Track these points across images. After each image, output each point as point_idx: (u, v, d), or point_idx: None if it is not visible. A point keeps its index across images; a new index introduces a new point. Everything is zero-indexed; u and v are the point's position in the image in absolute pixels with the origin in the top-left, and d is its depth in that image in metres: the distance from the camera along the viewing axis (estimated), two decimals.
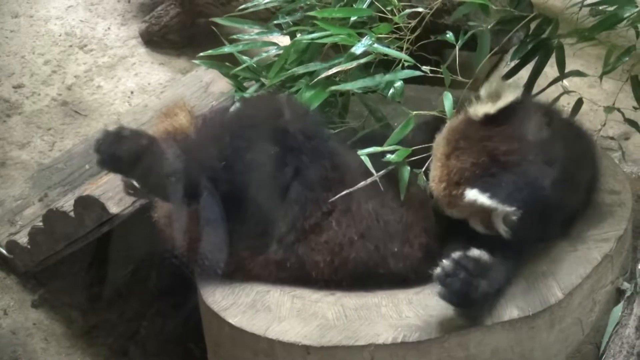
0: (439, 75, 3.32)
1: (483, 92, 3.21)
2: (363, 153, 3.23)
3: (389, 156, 3.20)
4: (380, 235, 3.28)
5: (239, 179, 3.29)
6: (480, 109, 3.17)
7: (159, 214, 3.50)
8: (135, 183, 3.46)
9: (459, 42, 3.41)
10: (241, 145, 3.30)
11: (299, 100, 3.48)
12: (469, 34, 3.44)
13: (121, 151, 3.31)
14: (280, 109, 3.36)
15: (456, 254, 3.00)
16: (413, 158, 3.24)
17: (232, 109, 3.62)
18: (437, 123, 3.31)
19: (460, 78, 3.37)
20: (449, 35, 3.46)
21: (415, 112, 3.26)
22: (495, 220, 3.05)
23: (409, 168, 3.22)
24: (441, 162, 3.19)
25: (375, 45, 3.31)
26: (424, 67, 3.29)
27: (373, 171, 3.20)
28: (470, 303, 3.04)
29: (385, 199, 3.31)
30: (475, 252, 3.01)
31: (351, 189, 3.21)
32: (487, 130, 3.16)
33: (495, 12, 3.50)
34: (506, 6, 3.59)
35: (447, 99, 3.23)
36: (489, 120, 3.16)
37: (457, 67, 3.34)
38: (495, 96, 3.17)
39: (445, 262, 2.99)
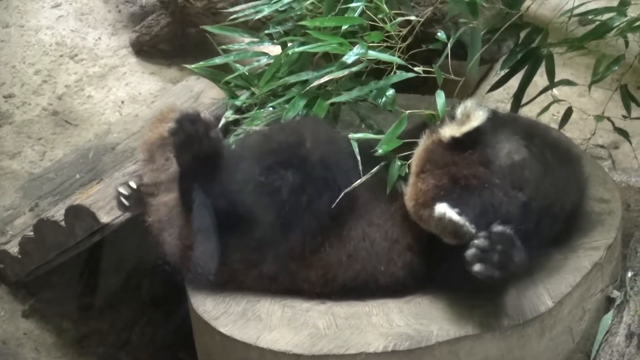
0: (430, 75, 3.30)
1: (457, 112, 3.18)
2: (354, 138, 3.23)
3: (378, 148, 3.19)
4: (369, 255, 3.29)
5: (249, 199, 3.28)
6: (448, 131, 3.16)
7: (153, 218, 3.50)
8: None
9: (451, 40, 3.40)
10: (262, 172, 3.26)
11: (326, 125, 3.44)
12: (460, 31, 3.42)
13: (195, 141, 3.32)
14: (303, 136, 3.32)
15: (483, 232, 2.96)
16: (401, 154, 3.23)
17: (265, 131, 3.57)
18: (421, 130, 3.30)
19: (451, 76, 3.34)
20: (441, 34, 3.44)
21: (408, 112, 3.23)
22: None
23: (399, 162, 3.21)
24: (412, 180, 3.19)
25: (369, 51, 3.31)
26: (416, 68, 3.27)
27: (358, 157, 3.20)
28: (509, 275, 3.01)
29: (374, 216, 3.32)
30: (499, 227, 2.97)
31: (350, 187, 3.18)
32: (452, 155, 3.14)
33: (483, 14, 3.49)
34: (498, 8, 3.57)
35: (440, 97, 3.21)
36: (456, 143, 3.15)
37: (450, 69, 3.33)
38: (466, 118, 3.15)
39: (477, 241, 2.95)
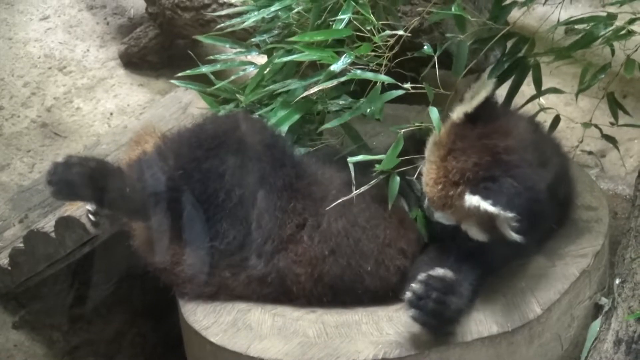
0: (418, 91, 3.31)
1: (466, 96, 3.25)
2: (352, 160, 3.23)
3: (378, 166, 3.20)
4: (355, 253, 3.29)
5: (200, 193, 3.32)
6: (461, 110, 3.20)
7: (138, 241, 3.50)
8: (94, 206, 3.62)
9: (437, 52, 3.41)
10: (200, 159, 3.33)
11: (256, 117, 3.51)
12: (447, 44, 3.45)
13: (72, 176, 3.37)
14: (237, 123, 3.39)
15: (422, 276, 3.03)
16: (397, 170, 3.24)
17: (190, 126, 3.61)
18: (418, 136, 3.31)
19: (441, 90, 3.36)
20: (427, 48, 3.46)
21: (403, 130, 3.25)
22: (501, 226, 3.01)
23: (398, 178, 3.22)
24: (436, 164, 3.18)
25: (356, 71, 3.32)
26: (405, 85, 3.28)
27: (353, 180, 3.21)
28: (445, 322, 3.07)
29: (365, 218, 3.33)
30: (439, 271, 3.04)
31: (342, 199, 3.21)
32: (482, 127, 3.17)
33: (470, 27, 3.51)
34: (484, 21, 3.58)
35: (434, 113, 3.20)
36: (471, 119, 3.18)
37: (438, 81, 3.34)
38: (474, 95, 3.22)
39: (414, 285, 3.02)
